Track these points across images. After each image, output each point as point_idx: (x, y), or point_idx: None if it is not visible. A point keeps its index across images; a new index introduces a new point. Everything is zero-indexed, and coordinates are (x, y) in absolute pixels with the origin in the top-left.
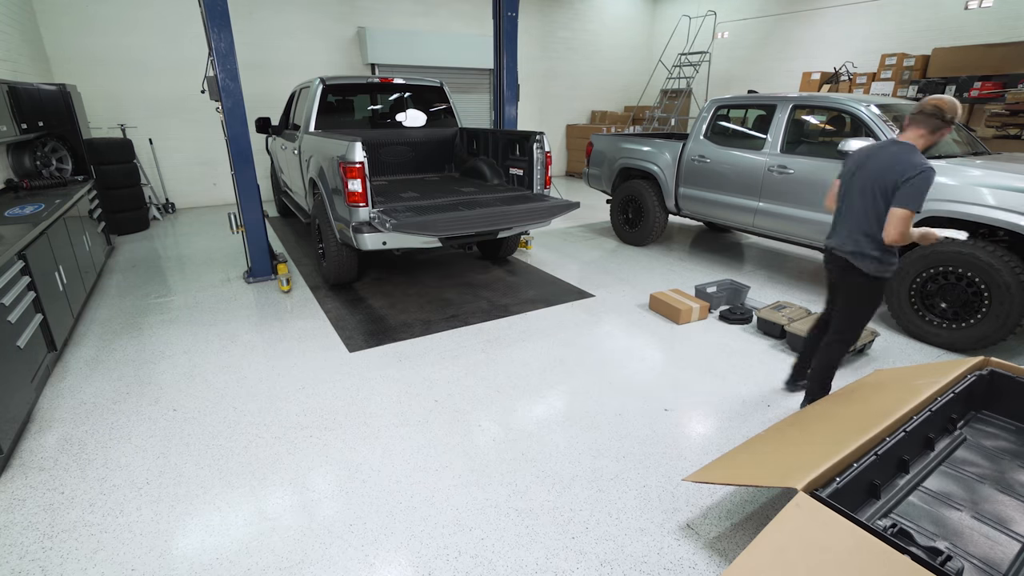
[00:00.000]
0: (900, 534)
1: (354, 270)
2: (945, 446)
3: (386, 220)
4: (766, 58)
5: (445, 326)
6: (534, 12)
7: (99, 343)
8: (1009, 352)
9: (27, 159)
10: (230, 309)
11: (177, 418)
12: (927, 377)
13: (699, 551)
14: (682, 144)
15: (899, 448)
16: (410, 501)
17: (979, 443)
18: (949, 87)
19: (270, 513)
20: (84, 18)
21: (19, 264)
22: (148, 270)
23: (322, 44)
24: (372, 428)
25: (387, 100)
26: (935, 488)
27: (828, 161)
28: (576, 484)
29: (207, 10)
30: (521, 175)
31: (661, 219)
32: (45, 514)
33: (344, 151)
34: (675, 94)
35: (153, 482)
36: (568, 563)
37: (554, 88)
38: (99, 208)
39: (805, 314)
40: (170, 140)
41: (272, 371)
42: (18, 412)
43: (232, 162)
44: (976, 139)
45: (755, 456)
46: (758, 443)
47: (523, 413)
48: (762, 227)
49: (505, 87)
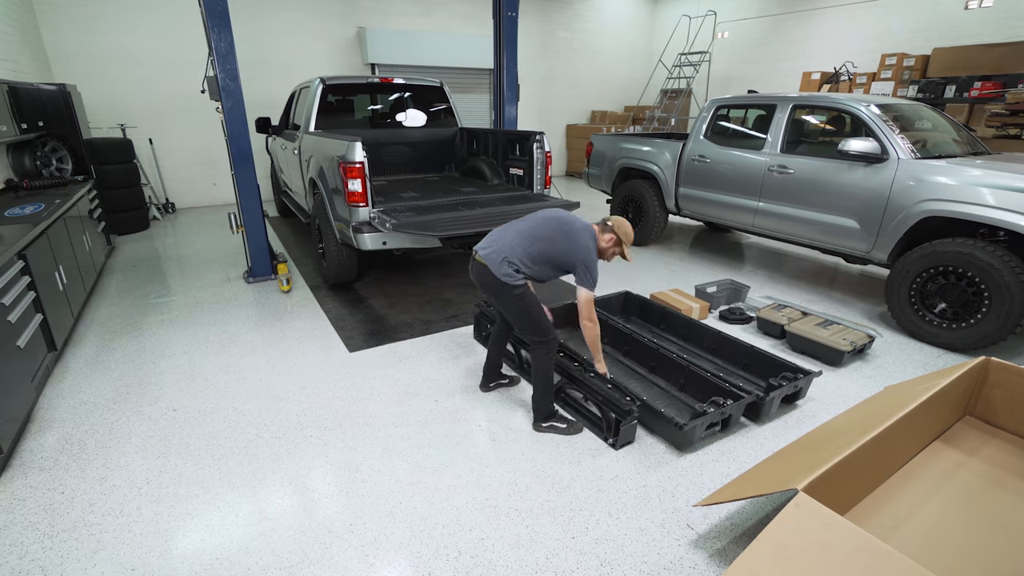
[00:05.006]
0: None
1: (354, 270)
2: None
3: (386, 220)
4: (766, 58)
5: (445, 326)
6: (534, 12)
7: (99, 343)
8: (1009, 352)
9: (27, 159)
10: (230, 309)
11: (177, 418)
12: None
13: (699, 551)
14: (682, 144)
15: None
16: (410, 501)
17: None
18: (949, 87)
19: (270, 513)
20: (84, 18)
21: (19, 264)
22: (148, 270)
23: (322, 44)
24: (372, 428)
25: (387, 100)
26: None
27: (828, 161)
28: (576, 484)
29: (207, 10)
30: (521, 175)
31: (661, 219)
32: (45, 514)
33: (344, 151)
34: (675, 94)
35: (153, 482)
36: (568, 563)
37: (554, 88)
38: (99, 208)
39: (801, 315)
40: (170, 140)
41: (272, 371)
42: (18, 412)
43: (232, 162)
44: (976, 139)
45: (760, 472)
46: (764, 464)
47: (523, 412)
48: (762, 227)
49: (505, 87)
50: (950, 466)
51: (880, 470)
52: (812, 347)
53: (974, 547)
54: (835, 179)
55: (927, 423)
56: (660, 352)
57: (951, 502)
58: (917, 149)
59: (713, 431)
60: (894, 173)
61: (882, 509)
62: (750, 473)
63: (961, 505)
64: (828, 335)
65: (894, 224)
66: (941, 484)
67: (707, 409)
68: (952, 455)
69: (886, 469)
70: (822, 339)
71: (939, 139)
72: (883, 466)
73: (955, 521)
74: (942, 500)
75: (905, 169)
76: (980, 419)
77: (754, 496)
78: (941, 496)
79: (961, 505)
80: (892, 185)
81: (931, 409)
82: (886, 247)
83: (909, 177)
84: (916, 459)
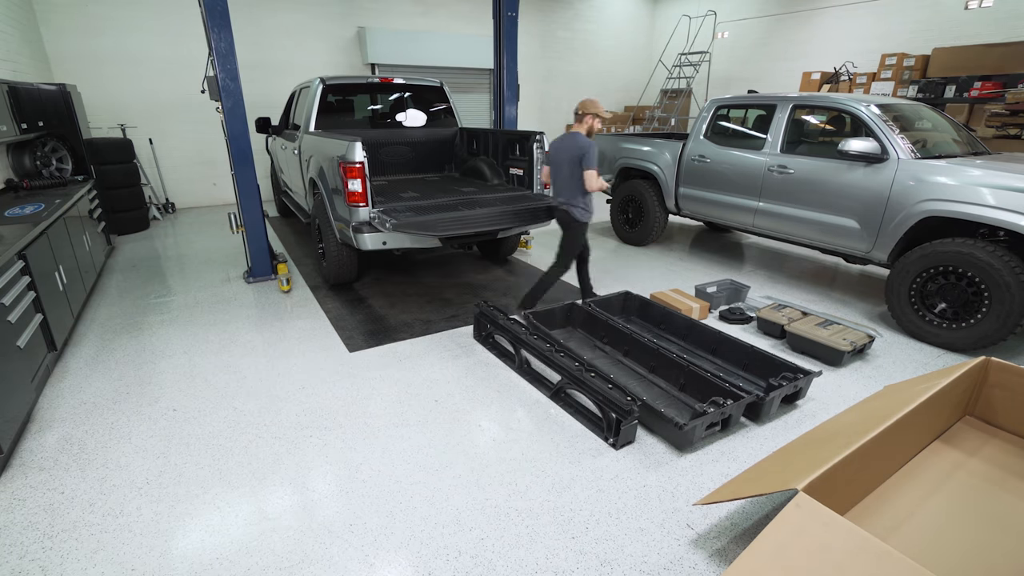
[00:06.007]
0: None
1: (354, 270)
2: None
3: (386, 220)
4: (766, 58)
5: (445, 326)
6: (534, 12)
7: (99, 343)
8: (1009, 352)
9: (27, 159)
10: (230, 309)
11: (177, 418)
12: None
13: (699, 551)
14: (682, 144)
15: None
16: (410, 501)
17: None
18: (949, 87)
19: (270, 513)
20: (84, 18)
21: (19, 264)
22: (148, 270)
23: (322, 44)
24: (372, 428)
25: (387, 100)
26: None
27: (828, 161)
28: (576, 484)
29: (207, 10)
30: (521, 175)
31: (661, 219)
32: (45, 514)
33: (344, 151)
34: (675, 94)
35: (153, 482)
36: (568, 563)
37: (554, 88)
38: (99, 208)
39: (801, 315)
40: (170, 140)
41: (272, 371)
42: (18, 412)
43: (232, 162)
44: (976, 139)
45: (759, 471)
46: (764, 463)
47: (523, 413)
48: (762, 227)
49: (505, 87)
50: (950, 466)
51: (880, 470)
52: (812, 347)
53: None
54: (835, 179)
55: (927, 423)
56: (660, 352)
57: (951, 502)
58: (917, 149)
59: (713, 431)
60: (894, 173)
61: (882, 509)
62: (750, 472)
63: (961, 505)
64: (828, 335)
65: (894, 224)
66: (941, 484)
67: (707, 409)
68: (952, 455)
69: (886, 469)
70: (822, 339)
71: (939, 139)
72: (883, 466)
73: (955, 521)
74: (942, 500)
75: (905, 169)
76: (980, 419)
77: (754, 496)
78: (941, 496)
79: (961, 505)
80: (892, 185)
81: (931, 409)
82: (886, 247)
83: (909, 177)
84: (916, 459)
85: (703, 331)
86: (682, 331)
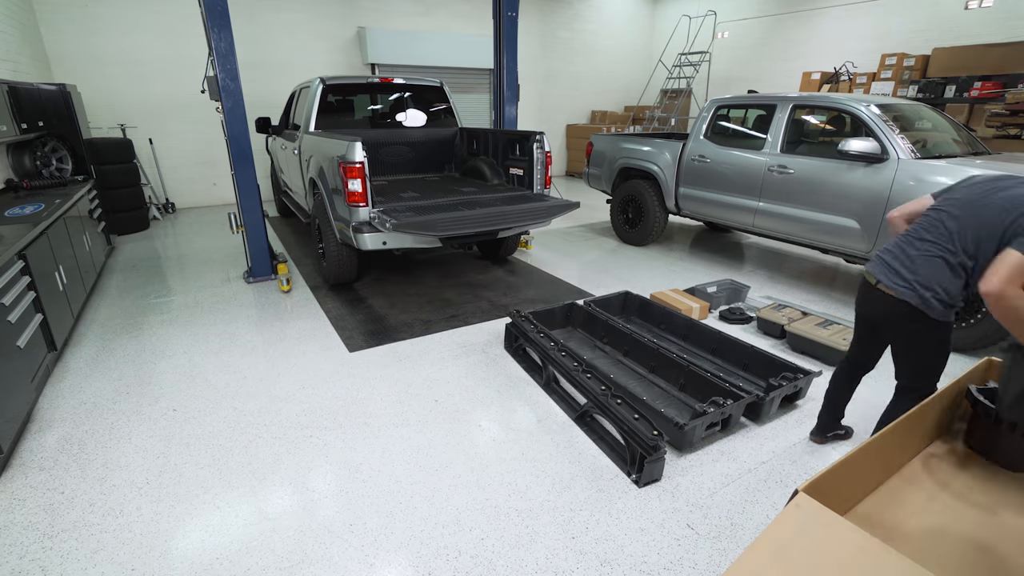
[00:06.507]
0: None
1: (354, 270)
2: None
3: (386, 220)
4: (766, 58)
5: (445, 326)
6: (534, 12)
7: (99, 343)
8: None
9: (27, 159)
10: (230, 309)
11: (177, 418)
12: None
13: (699, 551)
14: (682, 144)
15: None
16: (410, 501)
17: None
18: (949, 87)
19: (270, 513)
20: (84, 18)
21: (19, 264)
22: (148, 270)
23: (322, 44)
24: (372, 428)
25: (387, 100)
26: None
27: (828, 161)
28: (576, 484)
29: (207, 10)
30: (521, 175)
31: (661, 219)
32: (45, 514)
33: (344, 151)
34: (675, 94)
35: (153, 482)
36: (568, 563)
37: (554, 88)
38: (99, 208)
39: (801, 315)
40: (170, 140)
41: (272, 371)
42: (18, 412)
43: (232, 162)
44: (976, 139)
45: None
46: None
47: (523, 413)
48: (762, 227)
49: (505, 87)
50: (953, 465)
51: (881, 470)
52: (812, 347)
53: (975, 548)
54: (835, 179)
55: (929, 422)
56: (660, 352)
57: (953, 502)
58: (917, 149)
59: (713, 431)
60: (894, 173)
61: (883, 509)
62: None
63: (962, 506)
64: (828, 335)
65: None
66: (942, 484)
67: (707, 409)
68: (955, 453)
69: (887, 469)
70: (822, 339)
71: (939, 139)
72: (884, 466)
73: (956, 522)
74: (943, 500)
75: (905, 169)
76: None
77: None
78: (942, 496)
79: (962, 506)
80: (892, 185)
81: (933, 408)
82: None
83: (909, 177)
84: (918, 458)
85: (703, 331)
86: (682, 331)
